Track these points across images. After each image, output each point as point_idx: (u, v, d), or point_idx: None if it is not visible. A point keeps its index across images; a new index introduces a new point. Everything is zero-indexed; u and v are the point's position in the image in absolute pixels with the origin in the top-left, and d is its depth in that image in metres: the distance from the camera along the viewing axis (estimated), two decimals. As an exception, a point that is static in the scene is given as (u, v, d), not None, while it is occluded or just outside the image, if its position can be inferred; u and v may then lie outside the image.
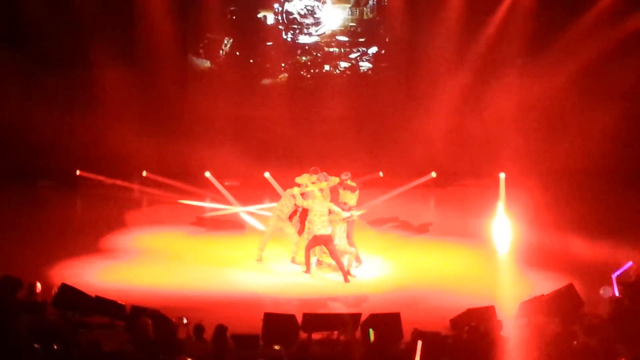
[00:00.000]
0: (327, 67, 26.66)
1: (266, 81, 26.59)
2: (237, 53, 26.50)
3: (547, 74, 25.20)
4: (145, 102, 25.50)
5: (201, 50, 26.41)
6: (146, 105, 25.50)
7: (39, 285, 13.24)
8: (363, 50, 26.55)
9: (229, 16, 26.29)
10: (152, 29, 25.37)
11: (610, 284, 14.68)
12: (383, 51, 26.63)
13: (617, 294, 14.18)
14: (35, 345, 10.81)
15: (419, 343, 11.08)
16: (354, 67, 26.70)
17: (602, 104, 24.70)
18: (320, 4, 26.22)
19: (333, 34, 26.47)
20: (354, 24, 26.43)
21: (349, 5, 26.30)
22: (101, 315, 13.47)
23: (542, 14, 24.91)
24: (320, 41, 26.52)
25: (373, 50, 26.57)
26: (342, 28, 26.44)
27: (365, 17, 26.43)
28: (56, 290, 13.77)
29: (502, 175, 22.22)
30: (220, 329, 11.49)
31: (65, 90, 25.33)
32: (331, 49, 26.57)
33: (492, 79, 25.51)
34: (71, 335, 11.83)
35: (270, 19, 26.30)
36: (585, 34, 24.75)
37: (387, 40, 26.55)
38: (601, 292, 14.52)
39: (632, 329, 12.17)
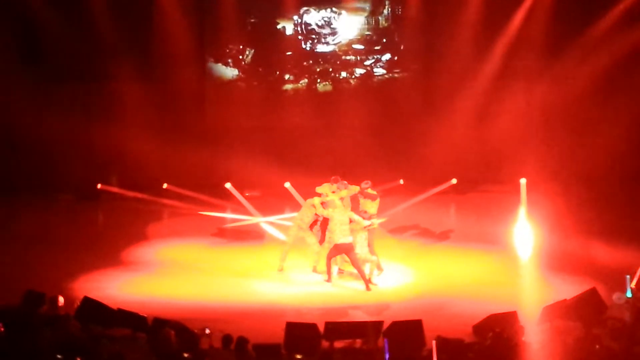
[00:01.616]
0: (345, 75, 26.72)
1: (287, 87, 26.66)
2: (258, 65, 26.62)
3: (568, 77, 25.12)
4: (165, 114, 25.57)
5: (229, 60, 26.48)
6: (165, 117, 25.56)
7: (61, 299, 13.31)
8: (378, 58, 26.60)
9: (249, 27, 26.42)
10: (171, 41, 25.44)
11: (624, 290, 14.67)
12: (399, 59, 26.64)
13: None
14: (58, 356, 10.85)
15: (434, 343, 11.12)
16: (373, 75, 26.75)
17: (623, 107, 24.58)
18: (336, 15, 26.31)
19: (350, 43, 26.55)
20: (370, 33, 26.49)
21: (365, 15, 26.36)
22: (123, 327, 13.51)
23: (560, 17, 24.81)
24: (338, 50, 26.60)
25: (389, 57, 26.59)
26: (359, 37, 26.50)
27: (380, 26, 26.50)
28: (79, 303, 13.84)
29: (523, 181, 22.14)
30: (241, 341, 11.49)
31: (84, 103, 25.44)
32: (348, 57, 26.63)
33: (511, 84, 25.42)
34: (94, 348, 11.89)
35: (289, 29, 26.41)
36: (605, 36, 24.66)
37: (402, 47, 26.53)
38: (614, 298, 14.47)
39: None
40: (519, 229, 20.58)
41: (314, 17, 26.44)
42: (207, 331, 13.12)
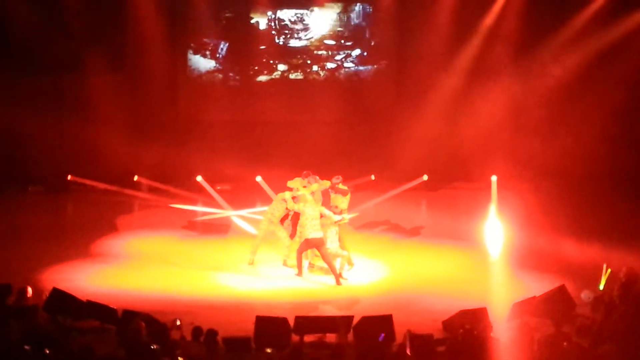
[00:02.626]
0: (317, 70, 26.83)
1: (261, 79, 26.66)
2: (232, 58, 26.62)
3: (539, 76, 25.30)
4: (137, 107, 25.52)
5: (207, 52, 26.47)
6: (137, 110, 25.52)
7: (29, 290, 13.20)
8: (349, 53, 26.76)
9: (224, 22, 26.40)
10: (144, 34, 25.38)
11: (593, 288, 14.79)
12: (371, 55, 26.84)
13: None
14: (26, 347, 10.77)
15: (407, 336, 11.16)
16: (345, 71, 26.84)
17: (594, 105, 24.73)
18: (309, 12, 26.34)
19: (322, 39, 26.64)
20: (342, 29, 26.60)
21: (337, 11, 26.40)
22: (93, 319, 13.43)
23: (532, 16, 24.95)
24: (310, 45, 26.66)
25: (360, 53, 26.76)
26: (331, 33, 26.64)
27: (352, 23, 26.60)
28: (47, 294, 13.74)
29: (494, 178, 22.27)
30: (211, 334, 11.46)
31: (55, 95, 25.35)
32: (320, 52, 26.76)
33: (483, 81, 25.52)
34: (63, 340, 11.80)
35: (263, 24, 26.40)
36: (576, 36, 24.83)
37: (373, 44, 26.80)
38: (582, 296, 14.56)
39: (623, 330, 12.17)
40: (489, 226, 20.69)
41: (287, 13, 26.56)
42: (178, 323, 13.09)
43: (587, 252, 17.40)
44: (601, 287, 14.91)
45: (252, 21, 26.57)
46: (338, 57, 26.83)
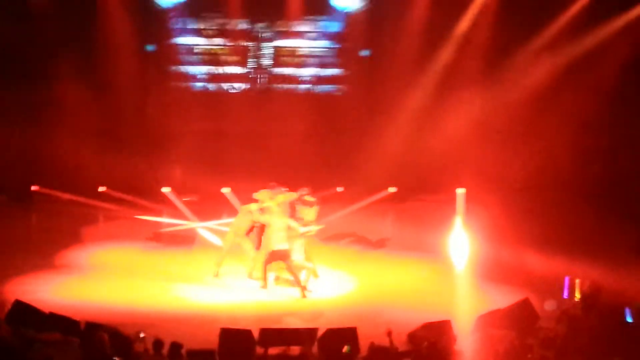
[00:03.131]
0: (286, 83, 26.84)
1: (230, 89, 26.66)
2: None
3: (506, 90, 25.36)
4: (103, 117, 25.31)
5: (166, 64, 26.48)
6: (103, 120, 25.32)
7: (-8, 302, 13.10)
8: (320, 64, 26.90)
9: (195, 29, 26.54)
10: (113, 43, 25.22)
11: (556, 298, 14.88)
12: (341, 66, 26.84)
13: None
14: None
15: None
16: (314, 82, 26.95)
17: (562, 117, 24.81)
18: (282, 24, 26.51)
19: (294, 50, 26.68)
20: (314, 39, 26.76)
21: (311, 25, 26.66)
22: (55, 331, 13.32)
23: (501, 28, 25.06)
24: (281, 56, 26.69)
25: (331, 64, 26.83)
26: (303, 44, 26.71)
27: (324, 33, 26.75)
28: (9, 306, 13.61)
29: (460, 191, 22.35)
30: (175, 346, 11.39)
31: (20, 104, 25.09)
32: (291, 64, 26.75)
33: (452, 93, 25.59)
34: (25, 352, 11.70)
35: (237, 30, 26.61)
36: (545, 47, 24.99)
37: (344, 54, 26.79)
38: (546, 306, 14.64)
39: (586, 342, 12.24)
40: (454, 238, 20.75)
41: (259, 24, 26.64)
42: (142, 335, 12.98)
43: (551, 265, 17.48)
44: (577, 296, 15.01)
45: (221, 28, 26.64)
46: (309, 69, 26.90)
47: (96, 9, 25.16)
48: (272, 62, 26.83)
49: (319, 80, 26.98)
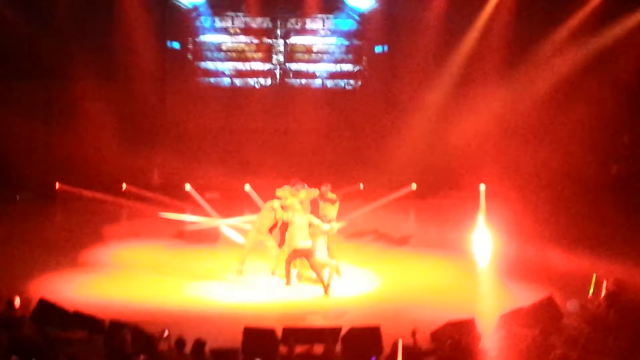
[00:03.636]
0: (307, 79, 26.90)
1: (252, 85, 26.77)
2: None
3: (527, 84, 25.30)
4: (125, 114, 25.42)
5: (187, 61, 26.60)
6: (126, 118, 25.43)
7: (17, 300, 13.15)
8: (340, 61, 27.00)
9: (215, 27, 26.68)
10: (133, 40, 25.31)
11: (580, 296, 14.84)
12: (361, 63, 26.87)
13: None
14: (13, 358, 10.75)
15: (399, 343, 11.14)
16: (334, 79, 26.98)
17: (582, 114, 24.73)
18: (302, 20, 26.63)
19: (313, 46, 26.76)
20: (333, 36, 26.82)
21: (328, 22, 26.70)
22: (80, 329, 13.39)
23: (519, 26, 25.03)
24: (301, 53, 26.74)
25: (351, 62, 26.95)
26: (322, 41, 26.78)
27: (343, 31, 26.79)
28: (34, 305, 13.69)
29: (482, 187, 22.29)
30: (199, 344, 11.43)
31: (43, 102, 25.30)
32: (312, 61, 26.82)
33: (472, 90, 25.58)
34: (50, 350, 11.78)
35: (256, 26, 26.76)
36: (565, 44, 24.90)
37: (363, 52, 26.83)
38: (569, 305, 14.58)
39: (610, 341, 12.20)
40: (477, 235, 20.69)
41: (279, 21, 26.77)
42: (166, 333, 13.04)
43: (575, 262, 17.43)
44: (590, 292, 14.97)
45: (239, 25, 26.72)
46: (329, 66, 26.97)
47: (115, 4, 25.23)
48: (294, 60, 26.85)
49: (340, 76, 26.98)
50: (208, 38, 26.53)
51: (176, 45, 26.25)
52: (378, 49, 26.80)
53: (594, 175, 24.68)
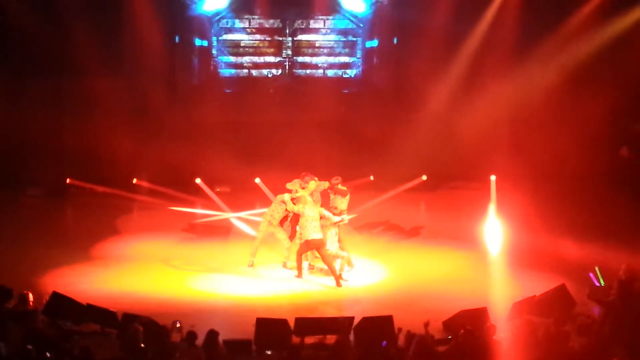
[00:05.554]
0: (317, 72, 27.08)
1: (261, 78, 27.19)
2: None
3: (537, 75, 25.23)
4: (136, 109, 25.44)
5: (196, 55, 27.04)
6: (136, 112, 25.44)
7: (31, 295, 13.19)
8: (349, 53, 27.34)
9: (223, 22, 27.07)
10: (144, 36, 25.31)
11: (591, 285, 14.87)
12: (370, 56, 27.16)
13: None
14: (29, 347, 10.79)
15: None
16: (344, 72, 27.18)
17: (591, 106, 24.70)
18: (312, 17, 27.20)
19: (322, 40, 27.19)
20: (342, 29, 27.25)
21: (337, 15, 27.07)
22: (93, 323, 13.43)
23: (529, 17, 24.95)
24: (311, 47, 26.99)
25: (359, 54, 27.22)
26: (331, 35, 27.23)
27: (351, 25, 27.13)
28: (47, 298, 13.74)
29: (493, 178, 22.27)
30: (212, 334, 11.45)
31: (55, 98, 25.28)
32: (320, 54, 27.19)
33: (482, 82, 25.52)
34: (63, 344, 11.82)
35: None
36: (573, 35, 24.82)
37: (373, 45, 27.07)
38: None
39: (624, 329, 12.19)
40: (488, 226, 20.69)
41: (288, 18, 27.34)
42: (178, 325, 13.09)
43: (586, 251, 17.40)
44: (601, 282, 14.98)
45: (253, 24, 27.09)
46: (339, 59, 27.31)
47: (124, 1, 25.30)
48: (300, 54, 27.25)
49: (338, 67, 27.29)
50: (229, 37, 27.21)
51: (205, 43, 27.10)
52: (369, 44, 27.21)
53: (605, 165, 24.62)
